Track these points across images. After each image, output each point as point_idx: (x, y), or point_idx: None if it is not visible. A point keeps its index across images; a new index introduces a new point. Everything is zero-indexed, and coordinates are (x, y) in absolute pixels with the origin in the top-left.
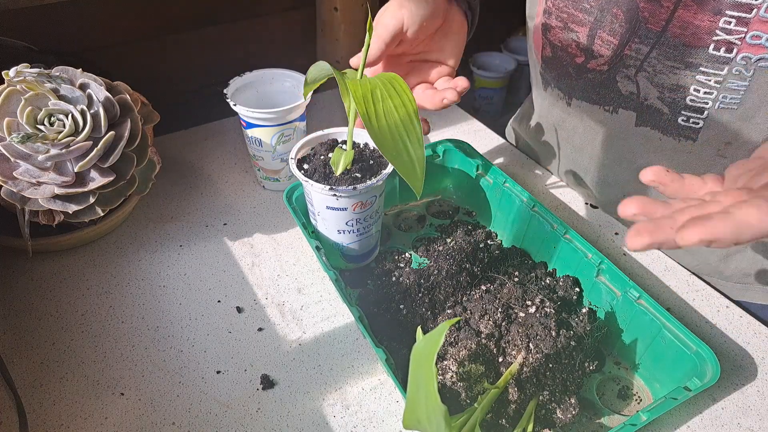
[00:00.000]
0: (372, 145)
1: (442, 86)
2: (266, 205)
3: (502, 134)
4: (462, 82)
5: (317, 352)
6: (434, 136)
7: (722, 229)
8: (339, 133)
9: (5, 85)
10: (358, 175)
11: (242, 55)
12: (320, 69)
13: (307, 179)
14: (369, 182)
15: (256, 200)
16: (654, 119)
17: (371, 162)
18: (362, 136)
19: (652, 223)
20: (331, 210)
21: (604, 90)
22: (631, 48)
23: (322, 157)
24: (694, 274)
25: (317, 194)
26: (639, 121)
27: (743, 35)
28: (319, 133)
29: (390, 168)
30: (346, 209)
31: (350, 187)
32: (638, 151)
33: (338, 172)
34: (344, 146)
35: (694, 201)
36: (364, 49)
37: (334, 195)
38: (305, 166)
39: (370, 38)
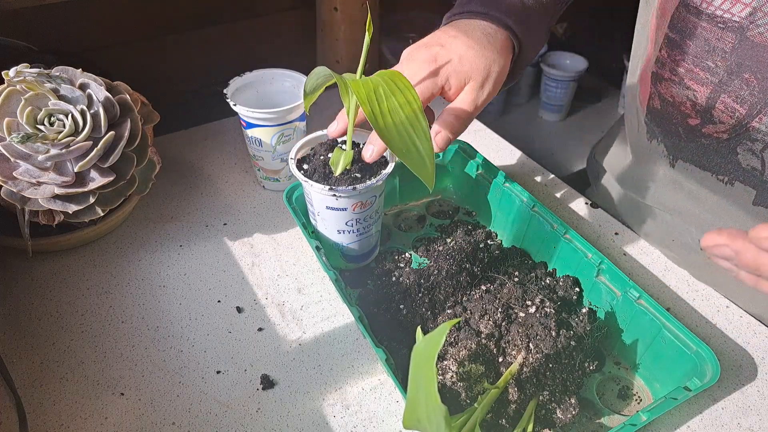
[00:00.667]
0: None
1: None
2: (266, 205)
3: (502, 134)
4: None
5: (317, 352)
6: None
7: None
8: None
9: (5, 85)
10: (358, 175)
11: (242, 55)
12: (318, 76)
13: (306, 179)
14: (369, 182)
15: (256, 200)
16: None
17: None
18: (362, 136)
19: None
20: (330, 210)
21: (720, 159)
22: (761, 121)
23: (321, 157)
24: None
25: (317, 194)
26: (759, 199)
27: None
28: (319, 133)
29: (390, 168)
30: (345, 209)
31: (350, 188)
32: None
33: (338, 173)
34: (344, 146)
35: None
36: (364, 49)
37: (334, 195)
38: (305, 166)
39: (369, 38)
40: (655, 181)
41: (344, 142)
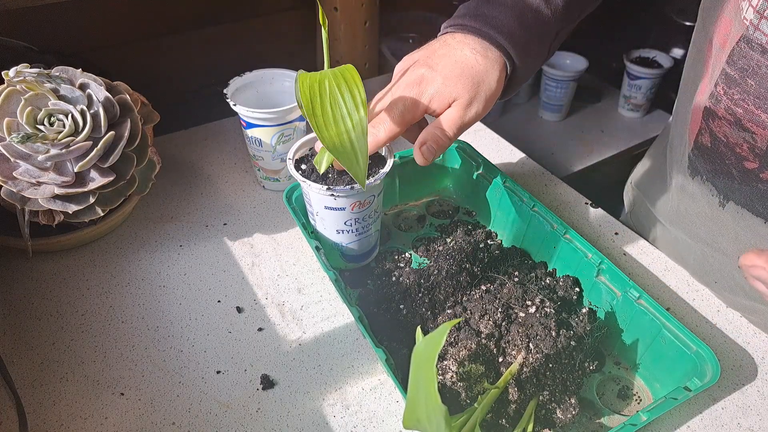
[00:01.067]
0: None
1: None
2: (266, 205)
3: (502, 134)
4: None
5: (317, 352)
6: None
7: None
8: None
9: (5, 85)
10: None
11: (242, 55)
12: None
13: (304, 179)
14: (366, 181)
15: (256, 200)
16: None
17: (368, 161)
18: None
19: None
20: (329, 210)
21: None
22: None
23: None
24: None
25: (315, 194)
26: None
27: None
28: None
29: (388, 167)
30: (344, 209)
31: (348, 187)
32: None
33: (322, 171)
34: None
35: None
36: (324, 44)
37: (332, 195)
38: (303, 167)
39: (327, 35)
40: (699, 220)
41: None
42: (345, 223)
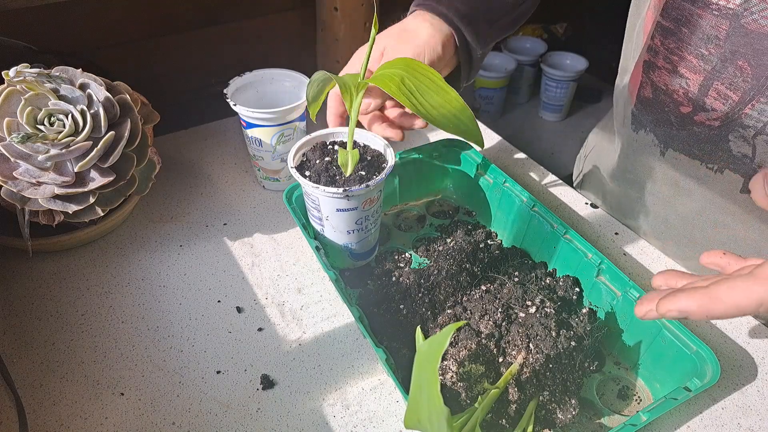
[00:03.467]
0: (363, 141)
1: (399, 122)
2: (266, 205)
3: (502, 134)
4: (420, 123)
5: (317, 352)
6: (434, 136)
7: (688, 303)
8: (325, 135)
9: (5, 85)
10: (363, 173)
11: (242, 55)
12: (318, 82)
13: (316, 185)
14: (378, 177)
15: (256, 200)
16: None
17: (369, 158)
18: (361, 135)
19: (654, 293)
20: (341, 212)
21: (711, 147)
22: (753, 107)
23: (318, 161)
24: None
25: (327, 199)
26: (746, 187)
27: None
28: (305, 139)
29: (391, 160)
30: (356, 209)
31: (363, 186)
32: (739, 219)
33: (348, 173)
34: (337, 147)
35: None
36: (369, 44)
37: (347, 196)
38: (307, 173)
39: (375, 34)
40: (643, 172)
41: (342, 143)
42: (356, 222)
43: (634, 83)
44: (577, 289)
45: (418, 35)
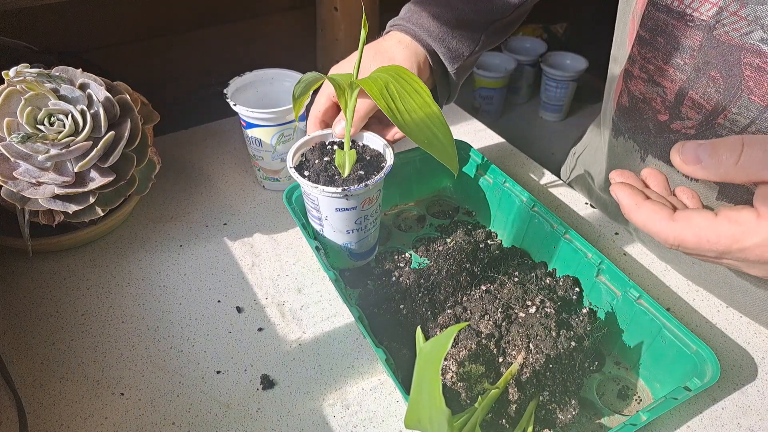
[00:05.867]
0: (362, 141)
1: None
2: (266, 205)
3: (502, 134)
4: (393, 133)
5: (317, 352)
6: None
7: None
8: (324, 135)
9: (5, 85)
10: (362, 172)
11: (242, 55)
12: (307, 80)
13: (315, 185)
14: (377, 177)
15: (256, 200)
16: (738, 196)
17: (368, 158)
18: (360, 136)
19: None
20: (340, 212)
21: None
22: (726, 117)
23: (317, 161)
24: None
25: (326, 199)
26: (721, 195)
27: None
28: (304, 139)
29: (390, 159)
30: (355, 208)
31: (362, 185)
32: None
33: (346, 174)
34: (335, 147)
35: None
36: (360, 45)
37: (346, 196)
38: (306, 173)
39: (365, 35)
40: None
41: (340, 144)
42: (356, 222)
43: (617, 90)
44: (577, 289)
45: (393, 58)
